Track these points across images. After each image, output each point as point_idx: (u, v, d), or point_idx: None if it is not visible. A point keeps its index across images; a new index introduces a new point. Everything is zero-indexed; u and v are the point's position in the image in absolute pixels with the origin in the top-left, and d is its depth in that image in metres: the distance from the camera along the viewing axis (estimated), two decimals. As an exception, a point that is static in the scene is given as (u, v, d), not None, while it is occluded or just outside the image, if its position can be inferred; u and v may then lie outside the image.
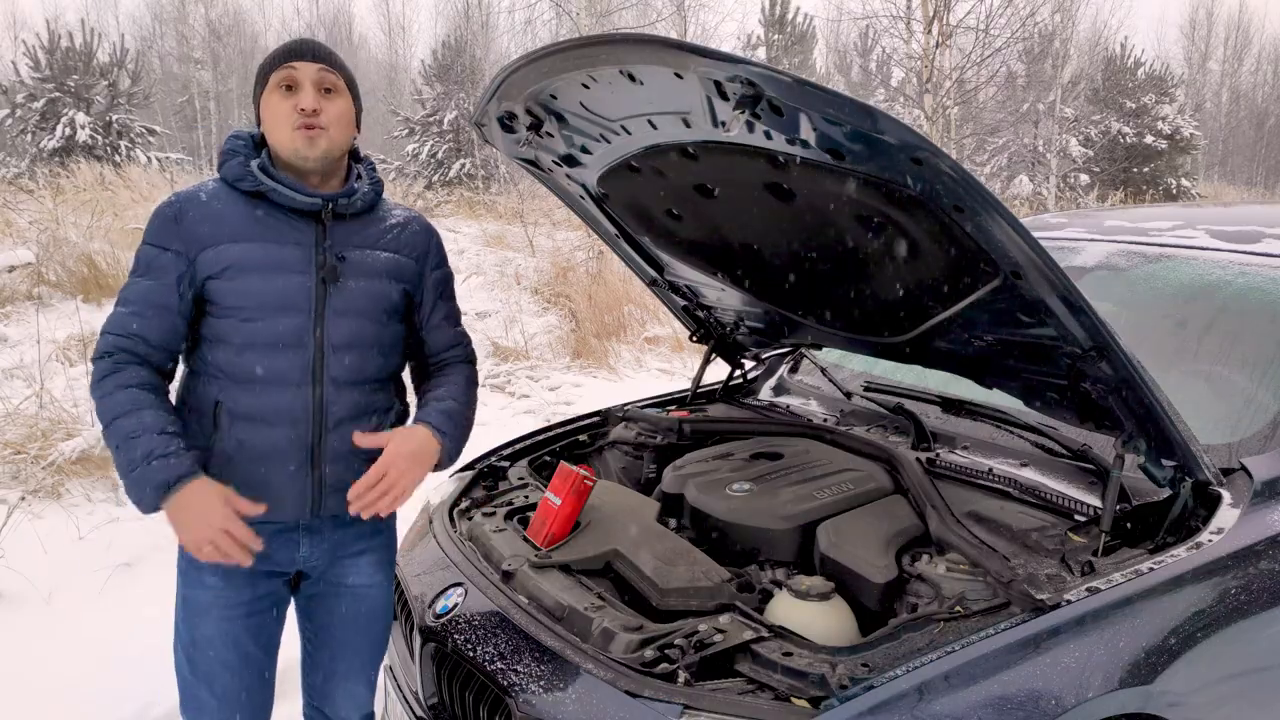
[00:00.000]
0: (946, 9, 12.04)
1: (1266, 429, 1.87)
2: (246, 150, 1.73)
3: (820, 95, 1.37)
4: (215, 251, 1.66)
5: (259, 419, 1.68)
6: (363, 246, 1.76)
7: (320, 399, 1.70)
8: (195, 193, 1.71)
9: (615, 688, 1.42)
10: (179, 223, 1.67)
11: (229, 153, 1.73)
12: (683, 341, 7.36)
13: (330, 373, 1.71)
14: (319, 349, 1.70)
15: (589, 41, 1.59)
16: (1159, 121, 20.95)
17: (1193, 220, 2.59)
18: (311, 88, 1.68)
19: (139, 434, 1.57)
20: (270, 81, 1.69)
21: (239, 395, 1.68)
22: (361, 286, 1.74)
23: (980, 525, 1.79)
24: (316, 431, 1.70)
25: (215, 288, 1.67)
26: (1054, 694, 1.38)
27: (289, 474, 1.70)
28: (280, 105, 1.68)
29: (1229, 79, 40.80)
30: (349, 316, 1.73)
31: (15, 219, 8.78)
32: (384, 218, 1.83)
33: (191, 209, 1.68)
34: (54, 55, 16.11)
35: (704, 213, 2.08)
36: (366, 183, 1.79)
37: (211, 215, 1.68)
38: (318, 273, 1.70)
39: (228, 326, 1.68)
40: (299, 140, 1.67)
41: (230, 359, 1.68)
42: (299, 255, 1.70)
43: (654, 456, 2.40)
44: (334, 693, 1.94)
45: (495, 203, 16.23)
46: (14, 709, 2.70)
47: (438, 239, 1.92)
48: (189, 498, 1.57)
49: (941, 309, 1.83)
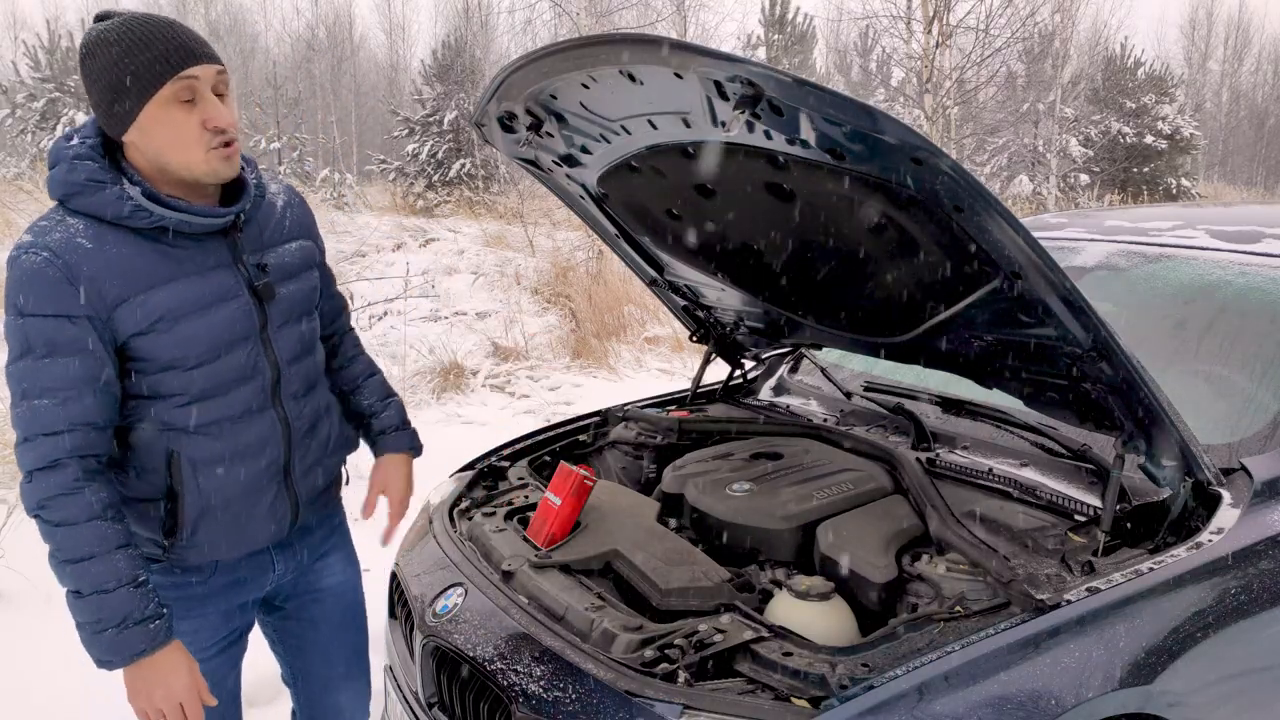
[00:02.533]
0: (946, 9, 12.04)
1: (1266, 429, 1.87)
2: (107, 175, 1.42)
3: (820, 95, 1.37)
4: (133, 305, 1.41)
5: (229, 460, 1.54)
6: (272, 245, 1.60)
7: (285, 419, 1.61)
8: (71, 240, 1.39)
9: (615, 688, 1.42)
10: (74, 284, 1.37)
11: (88, 184, 1.41)
12: (683, 341, 7.36)
13: (288, 390, 1.60)
14: (274, 370, 1.58)
15: (589, 41, 1.59)
16: (1159, 121, 20.93)
17: (1193, 220, 2.59)
18: (213, 96, 1.43)
19: (111, 587, 1.39)
20: (160, 95, 1.38)
21: (198, 442, 1.51)
22: (291, 290, 1.61)
23: (980, 525, 1.79)
24: (286, 453, 1.62)
25: (143, 345, 1.44)
26: (1054, 694, 1.38)
27: (269, 503, 1.61)
28: (184, 122, 1.40)
29: (1229, 79, 40.79)
30: (289, 325, 1.61)
31: (15, 219, 8.78)
32: (272, 203, 1.64)
33: (83, 263, 1.38)
34: (54, 55, 16.13)
35: (704, 213, 2.08)
36: (250, 170, 1.58)
37: (111, 265, 1.40)
38: (249, 291, 1.53)
39: (168, 380, 1.47)
40: (216, 163, 1.44)
41: (177, 412, 1.49)
42: (226, 279, 1.51)
43: (654, 456, 2.40)
44: (329, 705, 1.90)
45: (495, 203, 16.22)
46: (14, 709, 2.70)
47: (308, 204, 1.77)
48: (157, 666, 1.44)
49: (941, 309, 1.83)
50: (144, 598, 1.43)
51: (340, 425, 1.79)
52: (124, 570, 1.41)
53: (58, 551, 1.41)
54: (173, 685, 1.45)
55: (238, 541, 1.60)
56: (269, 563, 1.69)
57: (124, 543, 1.42)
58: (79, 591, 1.40)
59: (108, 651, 1.42)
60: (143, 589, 1.43)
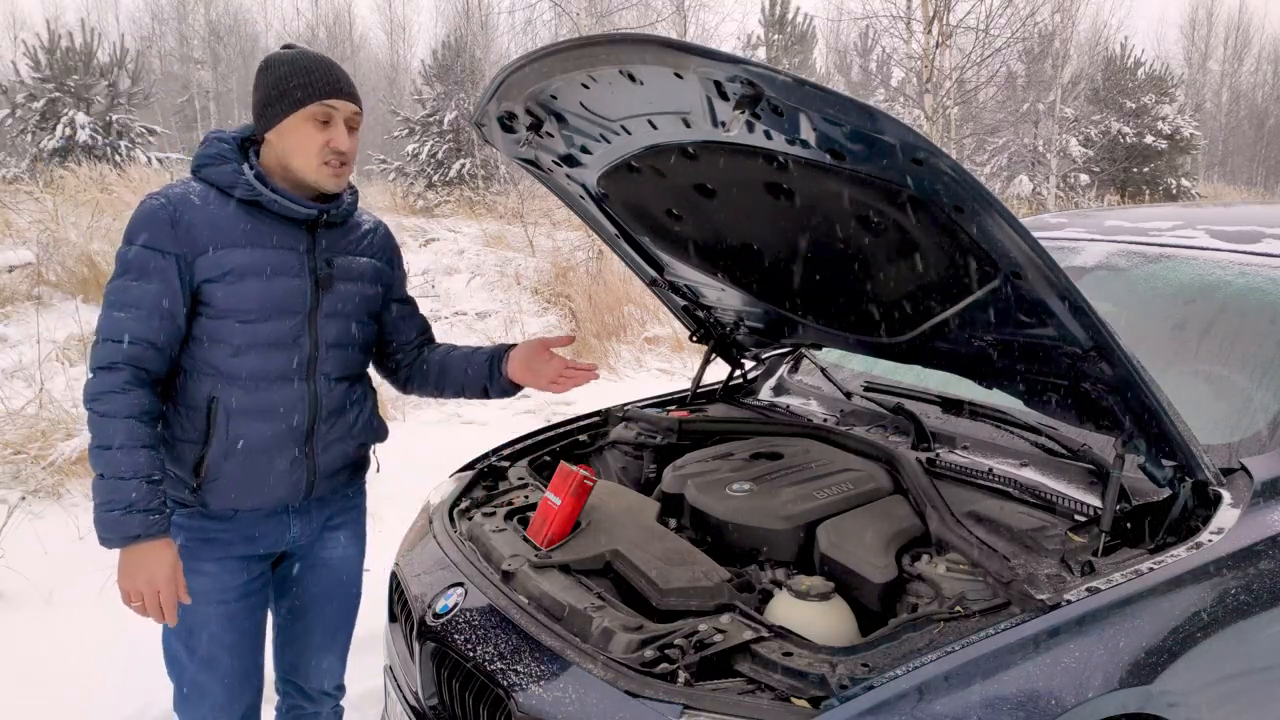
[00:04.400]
0: (946, 9, 12.03)
1: (1266, 429, 1.87)
2: (233, 155, 1.77)
3: (820, 95, 1.37)
4: (214, 256, 1.71)
5: (257, 414, 1.76)
6: (346, 252, 1.88)
7: (314, 393, 1.82)
8: (185, 194, 1.73)
9: (615, 688, 1.42)
10: (175, 226, 1.69)
11: (215, 157, 1.76)
12: (683, 341, 7.36)
13: (322, 369, 1.83)
14: (314, 347, 1.81)
15: (589, 41, 1.59)
16: (1159, 121, 20.93)
17: (1193, 220, 2.59)
18: (344, 127, 1.76)
19: (128, 475, 1.62)
20: (304, 110, 1.72)
21: (236, 393, 1.75)
22: (349, 290, 1.87)
23: (980, 525, 1.79)
24: (310, 422, 1.82)
25: (213, 291, 1.71)
26: (1054, 694, 1.38)
27: (287, 464, 1.81)
28: (313, 137, 1.74)
29: (1229, 79, 40.80)
30: (338, 318, 1.85)
31: (15, 219, 8.78)
32: (358, 224, 1.95)
33: (186, 212, 1.70)
34: (54, 55, 16.09)
35: (704, 213, 2.08)
36: (348, 193, 1.88)
37: (207, 220, 1.71)
38: (311, 277, 1.80)
39: (224, 327, 1.73)
40: (325, 176, 1.76)
41: (227, 359, 1.74)
42: (294, 260, 1.79)
43: (654, 456, 2.40)
44: (310, 665, 2.05)
45: (495, 203, 16.22)
46: (14, 709, 2.70)
47: (395, 241, 2.07)
48: (147, 553, 1.64)
49: (941, 309, 1.83)
50: (151, 492, 1.63)
51: (371, 416, 1.98)
52: (142, 464, 1.63)
53: (95, 437, 1.64)
54: (155, 572, 1.64)
55: (253, 493, 1.80)
56: (286, 524, 1.88)
57: (149, 444, 1.65)
58: (102, 474, 1.63)
59: (109, 529, 1.62)
60: (154, 486, 1.64)
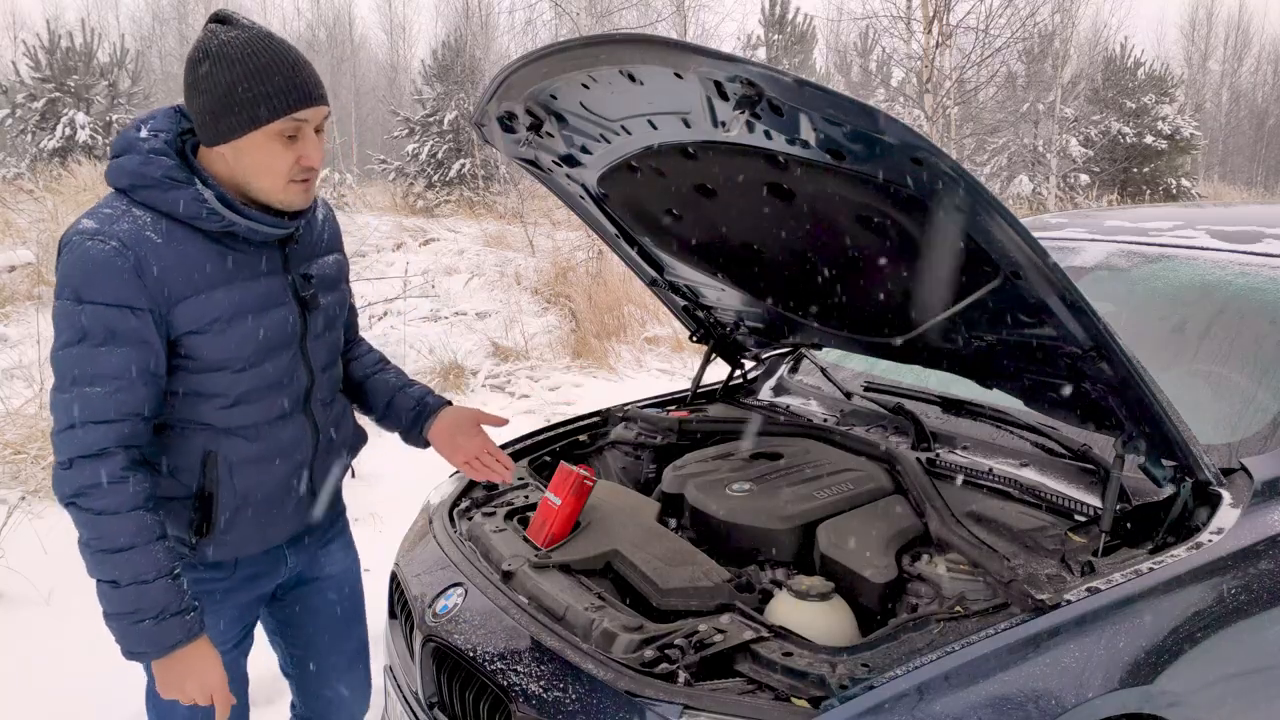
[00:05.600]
0: (946, 9, 12.03)
1: (1266, 429, 1.87)
2: (184, 175, 1.44)
3: (820, 95, 1.37)
4: (193, 304, 1.44)
5: (262, 461, 1.59)
6: (315, 256, 1.65)
7: (314, 426, 1.66)
8: (142, 233, 1.41)
9: (615, 688, 1.42)
10: (141, 276, 1.39)
11: (163, 181, 1.42)
12: (683, 341, 7.36)
13: (318, 396, 1.66)
14: (309, 377, 1.63)
15: (589, 41, 1.59)
16: (1159, 122, 20.92)
17: (1193, 220, 2.59)
18: (314, 135, 1.48)
19: (151, 577, 1.40)
20: (272, 127, 1.41)
21: (237, 444, 1.55)
22: (329, 300, 1.66)
23: (980, 525, 1.79)
24: (312, 454, 1.68)
25: (197, 343, 1.46)
26: (1054, 694, 1.38)
27: (295, 502, 1.67)
28: (281, 156, 1.44)
29: (1229, 79, 40.80)
30: (325, 335, 1.66)
31: (15, 219, 8.78)
32: (314, 215, 1.68)
33: (152, 257, 1.40)
34: (54, 55, 16.10)
35: (704, 213, 2.08)
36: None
37: (178, 262, 1.43)
38: (296, 300, 1.58)
39: (214, 380, 1.50)
40: (295, 194, 1.49)
41: (221, 412, 1.52)
42: (276, 287, 1.55)
43: (654, 456, 2.40)
44: (336, 691, 1.91)
45: (495, 203, 16.22)
46: (14, 709, 2.70)
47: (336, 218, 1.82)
48: (191, 658, 1.46)
49: (941, 309, 1.83)
50: (180, 590, 1.45)
51: (354, 426, 1.84)
52: (163, 562, 1.42)
53: (96, 540, 1.40)
54: (207, 677, 1.48)
55: (263, 538, 1.65)
56: (282, 557, 1.73)
57: (163, 534, 1.44)
58: (116, 581, 1.40)
59: (142, 643, 1.43)
60: (179, 582, 1.45)
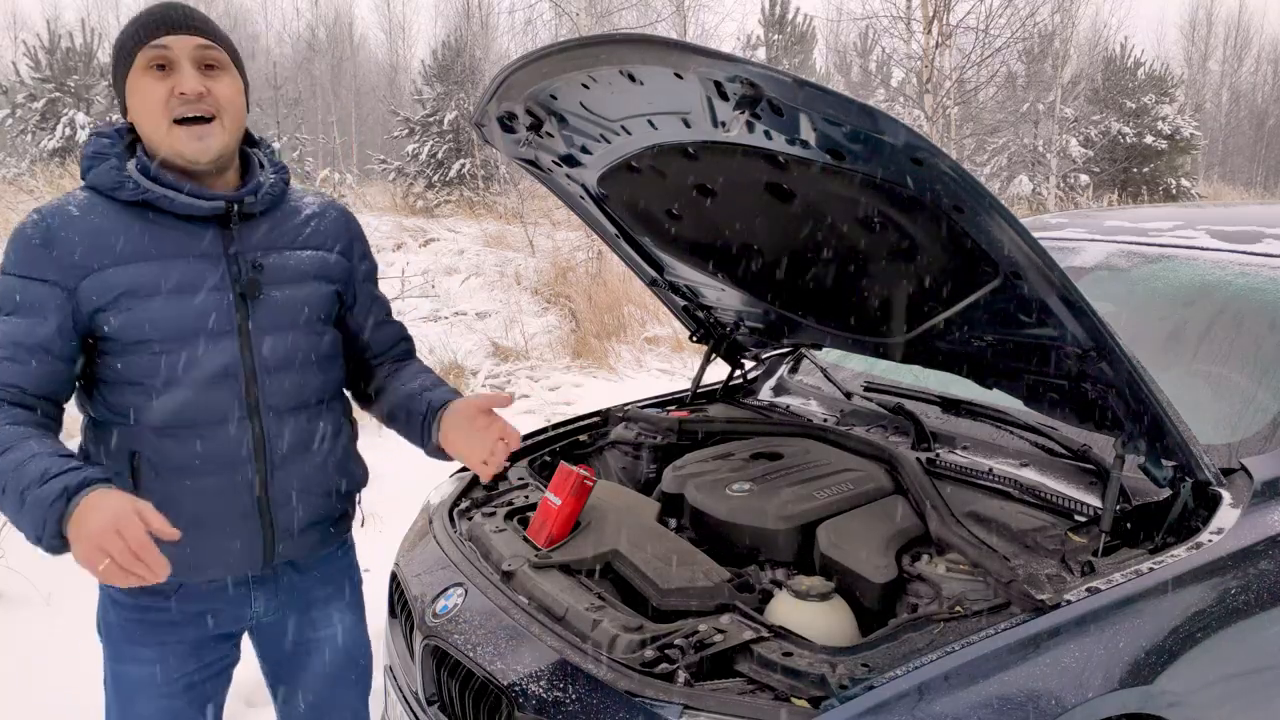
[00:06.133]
0: (946, 9, 12.02)
1: (1266, 429, 1.87)
2: (116, 150, 1.43)
3: (820, 95, 1.37)
4: (100, 278, 1.38)
5: (190, 469, 1.43)
6: (279, 248, 1.52)
7: (260, 434, 1.47)
8: (63, 207, 1.41)
9: (615, 688, 1.42)
10: (49, 247, 1.36)
11: (95, 155, 1.43)
12: (683, 341, 7.36)
13: (268, 401, 1.48)
14: (250, 376, 1.46)
15: (589, 41, 1.59)
16: (1159, 122, 20.92)
17: (1193, 220, 2.59)
18: (191, 67, 1.39)
19: (27, 460, 1.25)
20: (136, 61, 1.38)
21: (161, 444, 1.42)
22: (287, 295, 1.51)
23: (980, 525, 1.79)
24: (262, 472, 1.48)
25: (108, 321, 1.38)
26: (1054, 694, 1.38)
27: (233, 525, 1.48)
28: (153, 90, 1.38)
29: (1229, 79, 40.80)
30: (278, 332, 1.49)
31: (15, 219, 8.78)
32: (297, 209, 1.58)
33: (63, 229, 1.38)
34: (54, 55, 16.10)
35: (704, 213, 2.08)
36: (270, 171, 1.53)
37: (89, 234, 1.38)
38: (234, 286, 1.45)
39: (132, 365, 1.40)
40: (181, 140, 1.39)
41: (143, 403, 1.41)
42: (207, 269, 1.44)
43: (654, 456, 2.40)
44: None
45: (495, 203, 16.22)
46: (14, 709, 2.70)
47: (358, 225, 1.69)
48: (92, 503, 1.20)
49: (941, 309, 1.83)
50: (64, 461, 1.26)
51: (344, 457, 1.63)
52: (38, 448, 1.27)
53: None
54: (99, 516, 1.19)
55: (196, 565, 1.46)
56: (245, 597, 1.55)
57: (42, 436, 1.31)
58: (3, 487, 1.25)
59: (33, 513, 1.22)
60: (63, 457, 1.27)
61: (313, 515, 1.57)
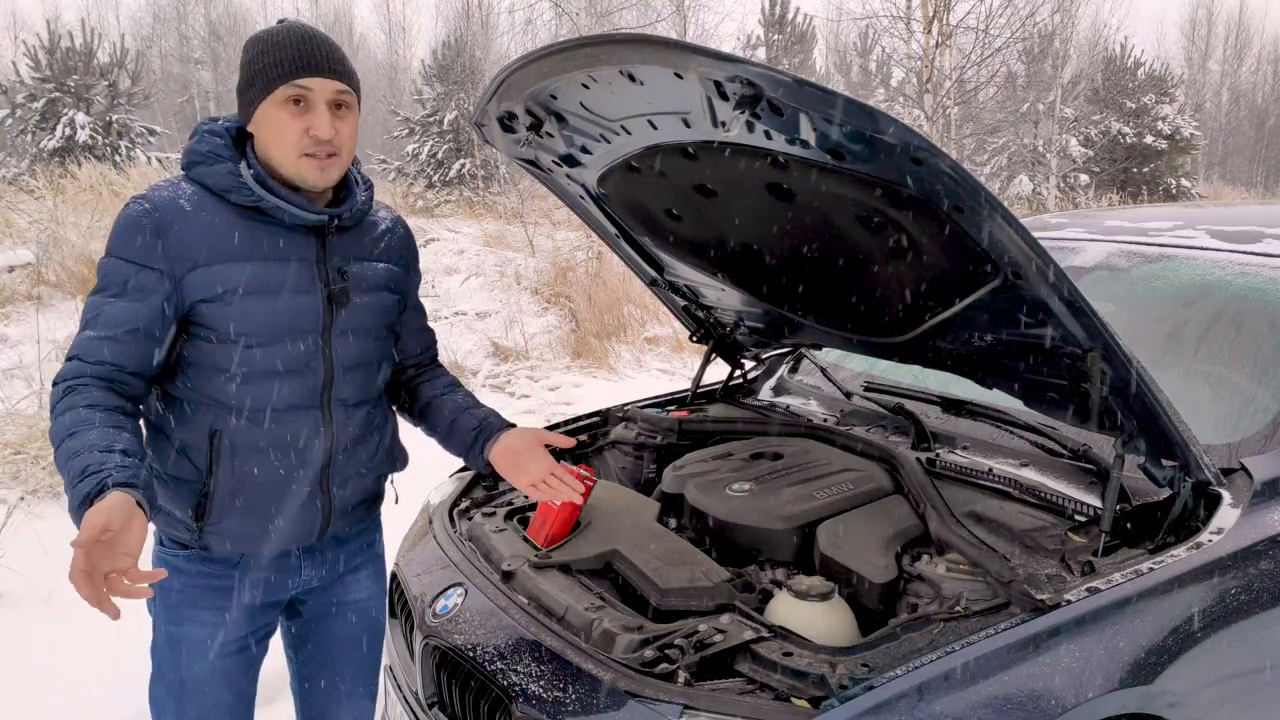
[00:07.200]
0: (946, 9, 12.03)
1: (1266, 429, 1.87)
2: (228, 153, 1.53)
3: (820, 95, 1.37)
4: (208, 272, 1.48)
5: (266, 449, 1.56)
6: (361, 259, 1.66)
7: (331, 422, 1.61)
8: (174, 200, 1.50)
9: (615, 688, 1.42)
10: (161, 237, 1.46)
11: (209, 155, 1.53)
12: (683, 341, 7.37)
13: (339, 395, 1.62)
14: (329, 371, 1.60)
15: (589, 41, 1.59)
16: (1159, 122, 20.93)
17: (1193, 220, 2.59)
18: (326, 109, 1.51)
19: (82, 451, 1.32)
20: (276, 93, 1.49)
21: (242, 426, 1.54)
22: (366, 302, 1.65)
23: (980, 525, 1.79)
24: (327, 456, 1.62)
25: (209, 312, 1.50)
26: (1054, 694, 1.38)
27: (300, 503, 1.61)
28: (289, 125, 1.49)
29: (1229, 79, 40.82)
30: (355, 335, 1.63)
31: (15, 219, 8.78)
32: (375, 223, 1.73)
33: (176, 222, 1.48)
34: (54, 55, 16.08)
35: (704, 213, 2.08)
36: (363, 189, 1.67)
37: (200, 230, 1.49)
38: (323, 291, 1.58)
39: (224, 353, 1.51)
40: (307, 169, 1.52)
41: (230, 388, 1.53)
42: (303, 273, 1.56)
43: (654, 456, 2.40)
44: (339, 714, 1.86)
45: (495, 203, 16.22)
46: (14, 709, 2.70)
47: (414, 241, 1.85)
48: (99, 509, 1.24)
49: (941, 309, 1.83)
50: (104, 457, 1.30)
51: (391, 443, 1.78)
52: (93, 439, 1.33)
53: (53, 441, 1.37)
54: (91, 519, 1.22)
55: (263, 538, 1.60)
56: (295, 566, 1.68)
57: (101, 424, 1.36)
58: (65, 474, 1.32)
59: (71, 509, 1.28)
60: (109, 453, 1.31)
61: (361, 494, 1.72)
